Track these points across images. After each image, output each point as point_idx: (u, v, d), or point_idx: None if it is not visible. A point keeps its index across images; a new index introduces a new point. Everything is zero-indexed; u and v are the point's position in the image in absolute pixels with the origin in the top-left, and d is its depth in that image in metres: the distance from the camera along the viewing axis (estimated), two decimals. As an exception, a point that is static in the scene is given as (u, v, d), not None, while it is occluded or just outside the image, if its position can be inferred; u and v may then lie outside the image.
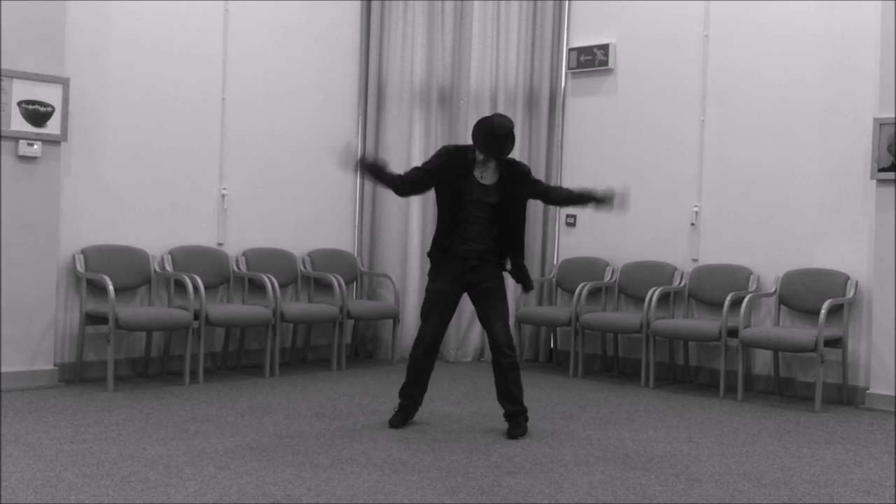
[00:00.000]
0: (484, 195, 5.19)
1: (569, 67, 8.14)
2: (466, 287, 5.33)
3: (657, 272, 7.48)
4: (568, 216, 8.17)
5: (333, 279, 7.41)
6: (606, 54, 7.87)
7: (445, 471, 4.44)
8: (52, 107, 6.25)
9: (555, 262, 8.20)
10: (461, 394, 6.55)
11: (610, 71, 7.92)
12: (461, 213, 5.20)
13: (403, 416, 5.42)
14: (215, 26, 7.30)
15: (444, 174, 5.21)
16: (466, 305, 8.14)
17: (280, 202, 7.71)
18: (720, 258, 7.27)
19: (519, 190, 5.29)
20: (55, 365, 6.40)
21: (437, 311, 5.31)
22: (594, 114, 8.04)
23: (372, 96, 8.14)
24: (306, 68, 7.86)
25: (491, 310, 5.31)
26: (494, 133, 5.08)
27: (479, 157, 5.18)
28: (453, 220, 5.21)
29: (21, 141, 6.14)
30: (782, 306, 6.91)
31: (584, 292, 7.49)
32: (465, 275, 5.26)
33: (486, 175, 5.21)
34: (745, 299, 6.71)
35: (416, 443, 4.99)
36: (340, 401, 6.10)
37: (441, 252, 5.27)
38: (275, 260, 7.51)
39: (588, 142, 8.08)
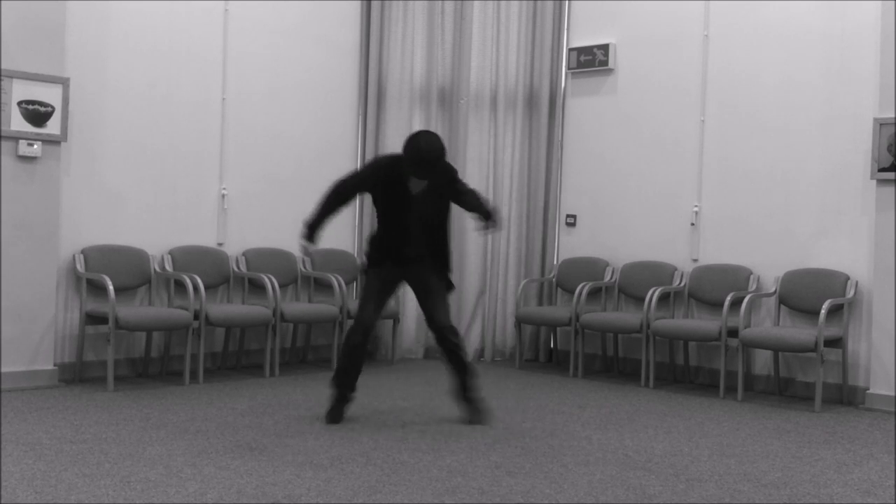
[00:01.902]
0: (415, 204, 5.36)
1: (569, 67, 8.14)
2: (405, 278, 5.57)
3: (657, 272, 7.48)
4: (568, 216, 8.17)
5: (333, 279, 7.41)
6: (606, 54, 7.87)
7: (445, 471, 4.44)
8: (52, 107, 6.25)
9: (555, 262, 8.20)
10: (461, 394, 6.55)
11: (610, 71, 7.92)
12: (397, 221, 5.41)
13: (341, 409, 5.49)
14: (215, 26, 7.30)
15: (376, 187, 5.44)
16: (465, 305, 8.17)
17: (280, 202, 7.71)
18: (720, 258, 7.28)
19: (443, 195, 5.48)
20: (55, 365, 6.40)
21: (375, 298, 5.48)
22: (594, 114, 8.04)
23: (372, 96, 8.14)
24: (306, 68, 7.86)
25: (430, 300, 5.50)
26: (424, 159, 5.22)
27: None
28: (390, 227, 5.44)
29: (21, 141, 6.14)
30: (782, 306, 6.91)
31: (584, 292, 7.49)
32: (404, 268, 5.50)
33: (417, 184, 5.36)
34: (745, 299, 6.71)
35: (416, 443, 4.99)
36: (340, 401, 6.10)
37: (381, 256, 5.50)
38: (275, 260, 7.51)
39: (588, 142, 8.08)
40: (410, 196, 5.36)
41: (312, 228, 5.51)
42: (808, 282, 6.77)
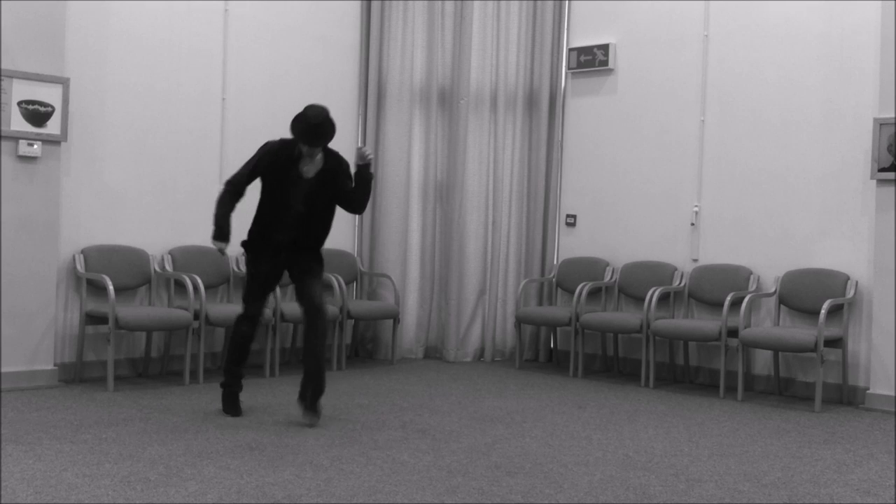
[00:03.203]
0: (305, 188, 5.40)
1: (569, 67, 8.14)
2: (285, 268, 5.57)
3: (657, 272, 7.48)
4: (568, 216, 8.17)
5: (333, 279, 7.41)
6: (606, 54, 7.87)
7: (445, 471, 4.44)
8: (52, 107, 6.25)
9: (555, 262, 8.20)
10: (461, 394, 6.55)
11: (610, 71, 7.92)
12: (282, 206, 5.42)
13: (235, 400, 5.59)
14: (215, 26, 7.30)
15: (267, 170, 5.44)
16: (465, 305, 8.17)
17: (280, 202, 7.70)
18: (720, 258, 7.28)
19: (334, 184, 5.49)
20: (55, 365, 6.40)
21: (261, 291, 5.54)
22: (594, 114, 8.04)
23: (372, 96, 8.14)
24: (306, 68, 7.86)
25: (308, 281, 5.49)
26: (310, 122, 5.34)
27: (305, 150, 5.37)
28: (274, 212, 5.44)
29: (21, 141, 6.14)
30: (782, 306, 6.91)
31: (584, 292, 7.49)
32: (283, 260, 5.51)
33: (309, 169, 5.41)
34: (745, 299, 6.71)
35: (416, 443, 4.99)
36: (340, 401, 6.10)
37: (259, 241, 5.50)
38: (275, 260, 7.50)
39: (588, 142, 8.08)
40: (302, 179, 5.38)
41: (220, 228, 5.52)
42: (808, 282, 6.77)
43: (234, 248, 7.38)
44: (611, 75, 7.94)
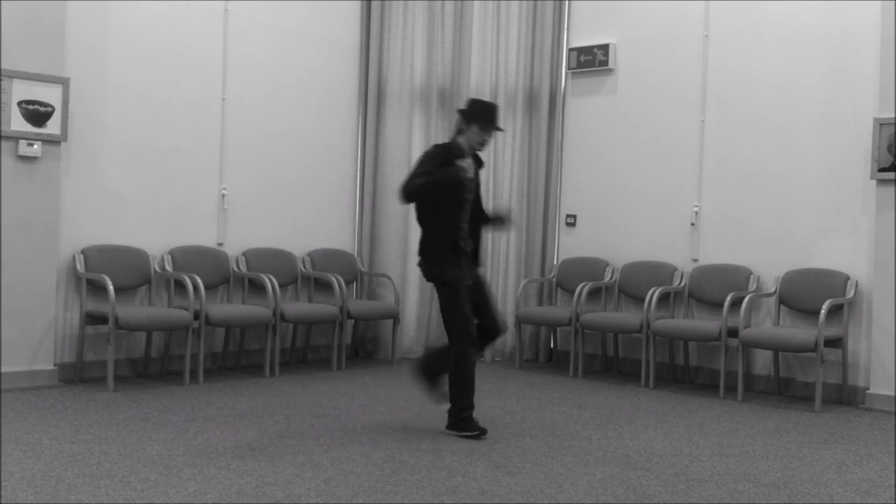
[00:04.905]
0: (472, 189, 5.28)
1: (569, 67, 8.14)
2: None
3: (657, 272, 7.48)
4: (568, 216, 8.17)
5: (333, 279, 7.41)
6: (606, 54, 7.87)
7: (445, 471, 4.44)
8: (52, 107, 6.25)
9: (555, 262, 8.20)
10: (461, 394, 6.54)
11: (610, 71, 7.92)
12: (460, 209, 5.23)
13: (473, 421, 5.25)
14: (215, 26, 7.30)
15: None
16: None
17: (280, 202, 7.71)
18: (720, 258, 7.28)
19: (479, 187, 5.39)
20: (55, 365, 6.40)
21: (468, 305, 5.20)
22: (594, 114, 8.04)
23: (372, 96, 8.14)
24: (306, 68, 7.87)
25: (490, 299, 5.40)
26: (493, 105, 5.36)
27: (477, 142, 5.22)
28: (453, 217, 5.18)
29: (21, 141, 6.14)
30: (782, 306, 6.91)
31: (584, 292, 7.49)
32: (469, 268, 5.25)
33: (468, 168, 5.28)
34: (745, 299, 6.71)
35: (416, 443, 4.99)
36: (340, 401, 6.11)
37: (446, 254, 5.16)
38: (275, 260, 7.51)
39: (588, 142, 8.08)
40: (469, 179, 5.20)
41: (445, 173, 5.12)
42: (808, 282, 6.77)
43: (234, 248, 7.42)
44: (611, 75, 7.94)
